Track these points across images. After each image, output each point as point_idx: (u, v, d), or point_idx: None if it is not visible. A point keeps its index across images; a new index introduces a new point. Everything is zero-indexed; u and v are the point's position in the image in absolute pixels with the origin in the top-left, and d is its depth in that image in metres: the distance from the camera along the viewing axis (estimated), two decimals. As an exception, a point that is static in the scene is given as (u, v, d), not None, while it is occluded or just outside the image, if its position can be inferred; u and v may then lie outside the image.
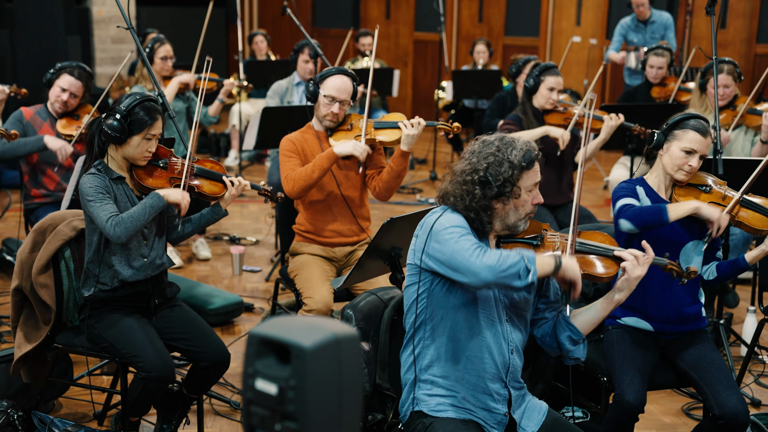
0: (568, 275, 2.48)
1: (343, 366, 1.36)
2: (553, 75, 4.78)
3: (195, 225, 3.43)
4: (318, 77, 3.89)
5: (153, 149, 3.24)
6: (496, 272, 2.39)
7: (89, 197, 3.11)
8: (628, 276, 2.62)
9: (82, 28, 10.48)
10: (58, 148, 4.41)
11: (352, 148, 3.76)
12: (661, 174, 3.28)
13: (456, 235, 2.47)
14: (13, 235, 5.79)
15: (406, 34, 11.50)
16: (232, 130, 8.72)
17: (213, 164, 3.47)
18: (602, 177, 8.54)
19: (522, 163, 2.52)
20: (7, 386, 3.54)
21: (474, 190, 2.52)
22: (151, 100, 3.22)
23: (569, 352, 2.68)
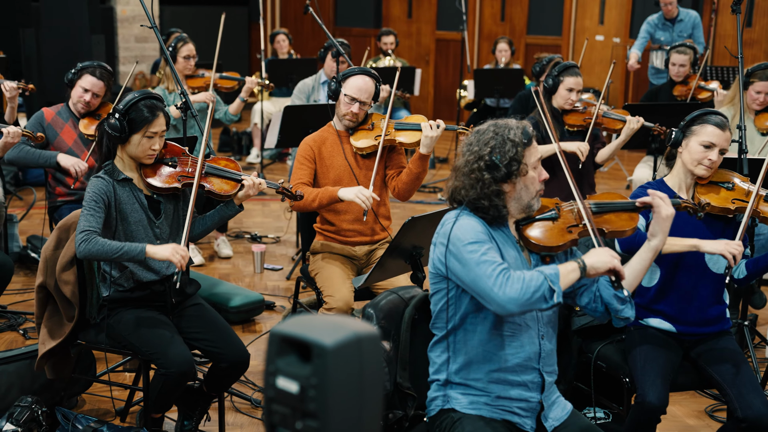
0: (600, 269, 2.47)
1: (364, 365, 1.35)
2: (572, 75, 4.72)
3: (210, 222, 3.42)
4: (340, 76, 3.89)
5: (157, 147, 3.21)
6: (521, 302, 2.38)
7: (84, 202, 3.13)
8: (658, 217, 2.62)
9: (106, 27, 10.56)
10: (70, 165, 4.43)
11: (354, 196, 3.70)
12: (681, 173, 3.26)
13: (477, 254, 2.45)
14: (38, 232, 5.85)
15: (428, 32, 11.48)
16: (253, 128, 8.75)
17: (228, 162, 3.42)
18: (625, 177, 8.49)
19: (523, 140, 2.53)
20: (31, 382, 3.57)
21: (483, 177, 2.51)
22: (152, 98, 3.19)
23: (618, 312, 2.63)
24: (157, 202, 3.29)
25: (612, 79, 9.78)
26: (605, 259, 2.47)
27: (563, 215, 2.69)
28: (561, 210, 2.70)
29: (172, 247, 3.06)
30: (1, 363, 3.53)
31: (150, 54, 11.30)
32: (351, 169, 3.91)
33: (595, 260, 2.47)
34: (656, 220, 2.64)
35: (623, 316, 2.66)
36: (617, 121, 4.81)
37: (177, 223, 3.33)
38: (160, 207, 3.29)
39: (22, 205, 6.89)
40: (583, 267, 2.45)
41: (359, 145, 3.92)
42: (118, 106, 3.15)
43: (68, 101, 4.65)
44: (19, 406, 3.33)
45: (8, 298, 4.91)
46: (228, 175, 3.36)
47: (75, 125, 4.62)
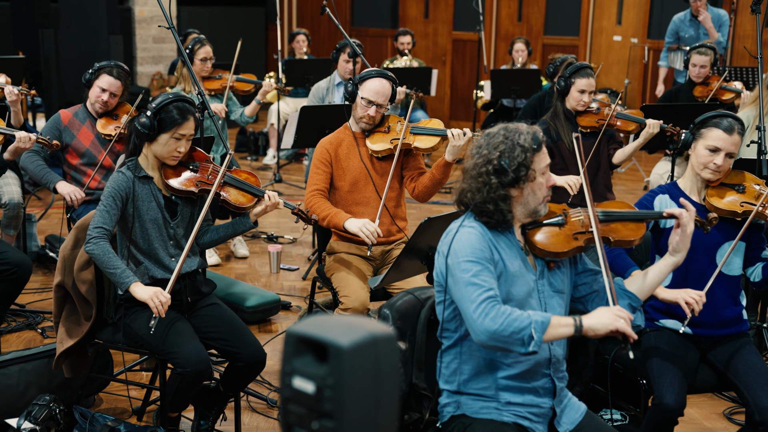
0: (600, 332, 2.40)
1: (380, 365, 1.35)
2: (584, 77, 4.67)
3: (222, 233, 3.43)
4: (357, 78, 3.88)
5: (183, 149, 3.24)
6: (495, 337, 2.36)
7: (102, 198, 3.17)
8: (684, 233, 2.62)
9: (124, 27, 10.62)
10: (66, 194, 4.46)
11: (358, 230, 3.70)
12: (692, 175, 3.25)
13: (468, 273, 2.43)
14: (56, 232, 5.89)
15: (444, 33, 11.47)
16: (270, 128, 8.77)
17: (248, 176, 3.44)
18: (642, 177, 8.44)
19: (533, 146, 2.50)
20: (49, 381, 3.59)
21: (490, 181, 2.50)
22: (185, 101, 3.23)
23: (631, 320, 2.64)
24: (175, 204, 3.31)
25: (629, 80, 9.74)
26: (606, 321, 2.39)
27: (570, 221, 2.67)
28: (568, 216, 2.68)
29: (153, 292, 3.05)
30: (19, 362, 3.56)
31: (167, 54, 11.35)
32: (367, 172, 3.92)
33: (595, 322, 2.40)
34: (682, 235, 2.62)
35: (634, 324, 2.65)
36: (631, 123, 4.77)
37: (192, 227, 3.34)
38: (176, 209, 3.31)
39: (40, 204, 6.94)
40: (578, 327, 2.40)
41: (375, 148, 3.92)
42: (151, 104, 3.20)
43: (86, 102, 4.68)
44: (38, 404, 3.35)
45: (27, 297, 4.94)
46: (246, 188, 3.37)
47: (92, 126, 4.65)
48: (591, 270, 2.71)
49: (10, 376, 3.52)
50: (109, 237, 3.13)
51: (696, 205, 3.23)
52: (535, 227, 2.63)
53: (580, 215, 2.69)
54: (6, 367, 3.52)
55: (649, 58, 9.98)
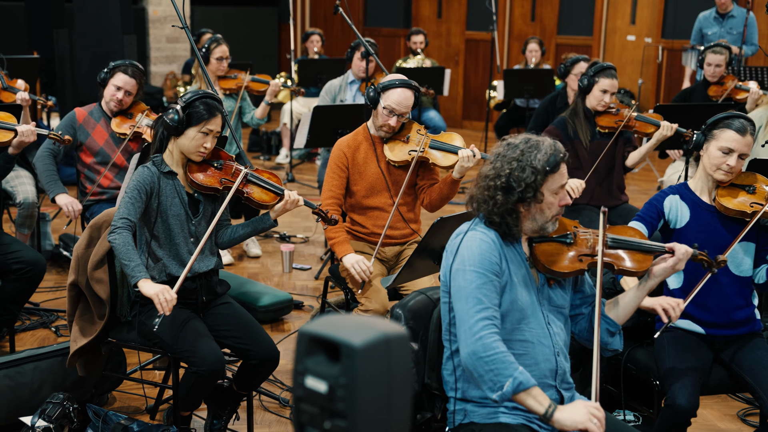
0: (566, 428, 2.37)
1: (392, 365, 1.35)
2: (608, 77, 4.68)
3: (241, 231, 3.44)
4: (380, 86, 3.82)
5: (209, 145, 3.27)
6: (475, 364, 2.37)
7: (127, 190, 3.19)
8: (674, 266, 2.62)
9: (138, 27, 10.66)
10: (63, 205, 4.50)
11: (350, 266, 3.69)
12: (703, 176, 3.24)
13: (473, 285, 2.43)
14: (70, 230, 5.91)
15: (457, 33, 11.46)
16: (283, 128, 8.78)
17: (270, 175, 3.47)
18: (656, 178, 8.41)
19: (546, 168, 2.47)
20: (63, 379, 3.61)
21: (496, 196, 2.49)
22: (213, 98, 3.27)
23: (607, 345, 2.66)
24: (197, 201, 3.33)
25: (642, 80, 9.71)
26: (578, 418, 2.36)
27: (578, 241, 2.65)
28: (577, 236, 2.66)
29: (160, 289, 3.04)
30: (33, 360, 3.58)
31: (181, 54, 11.39)
32: (384, 178, 3.90)
33: (566, 417, 2.37)
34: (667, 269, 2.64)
35: (612, 348, 2.68)
36: (649, 125, 4.74)
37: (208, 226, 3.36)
38: (199, 206, 3.33)
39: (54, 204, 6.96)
40: (548, 415, 2.38)
41: (393, 158, 3.88)
42: (181, 98, 3.24)
43: (101, 101, 4.70)
44: (51, 402, 3.37)
45: (41, 295, 4.97)
46: (269, 187, 3.39)
47: (107, 124, 4.67)
48: (586, 294, 2.71)
49: (24, 374, 3.54)
50: (132, 229, 3.14)
51: (706, 206, 3.22)
52: (542, 241, 2.61)
53: (589, 237, 2.67)
54: (20, 366, 3.54)
55: (663, 58, 9.94)
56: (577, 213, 4.62)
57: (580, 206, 4.65)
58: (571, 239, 2.63)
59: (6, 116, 4.06)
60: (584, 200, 4.64)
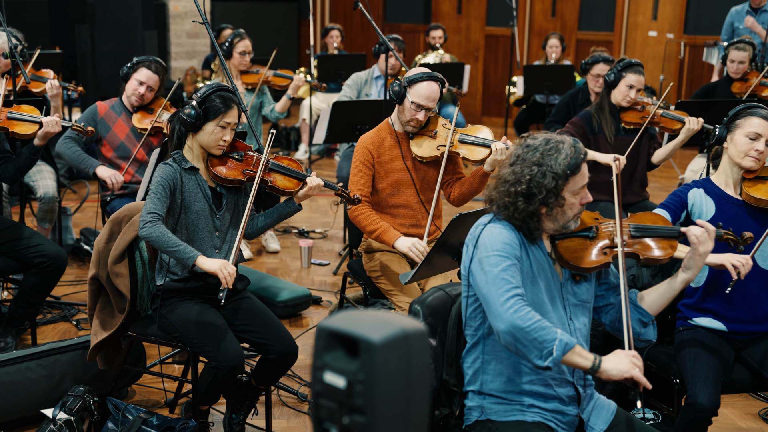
0: (614, 377, 2.37)
1: (411, 360, 1.35)
2: (635, 73, 4.66)
3: (269, 219, 3.45)
4: (406, 80, 3.77)
5: (228, 138, 3.28)
6: (517, 335, 2.33)
7: (152, 186, 3.20)
8: (695, 252, 2.56)
9: (159, 22, 10.70)
10: (107, 177, 4.52)
11: (407, 249, 3.66)
12: (728, 169, 3.22)
13: (498, 267, 2.41)
14: (91, 225, 5.95)
15: (477, 28, 11.42)
16: (302, 123, 8.80)
17: (290, 162, 3.49)
18: (677, 175, 8.35)
19: (567, 171, 2.44)
20: (83, 372, 3.64)
21: (517, 202, 2.46)
22: (228, 90, 3.28)
23: (640, 335, 2.62)
24: (220, 195, 3.34)
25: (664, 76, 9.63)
26: (623, 367, 2.36)
27: (601, 235, 2.63)
28: (599, 229, 2.64)
29: (221, 263, 3.09)
30: (54, 353, 3.61)
31: (201, 50, 11.42)
32: (410, 174, 3.87)
33: (612, 366, 2.37)
34: (693, 254, 2.58)
35: (645, 339, 2.65)
36: (675, 122, 4.71)
37: (237, 216, 3.37)
38: (222, 199, 3.34)
39: (75, 198, 7.02)
40: (596, 367, 2.37)
41: (420, 153, 3.84)
42: (195, 94, 3.24)
43: (122, 95, 4.73)
44: (72, 395, 3.40)
45: (62, 289, 5.01)
46: (291, 173, 3.42)
47: (128, 119, 4.69)
48: (612, 284, 2.69)
49: (45, 366, 3.57)
50: (162, 222, 3.15)
51: (732, 199, 3.20)
52: (564, 237, 2.60)
53: (612, 229, 2.64)
54: (42, 358, 3.57)
55: (685, 54, 9.86)
56: (594, 205, 4.60)
57: (601, 202, 4.63)
58: (593, 233, 2.61)
59: (31, 109, 4.11)
60: (605, 196, 4.62)
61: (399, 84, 3.78)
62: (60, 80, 5.25)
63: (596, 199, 4.50)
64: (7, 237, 4.00)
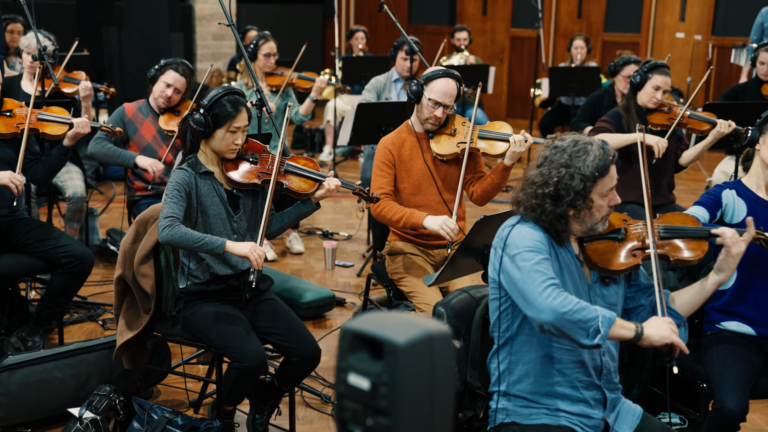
0: (654, 343, 2.37)
1: (435, 363, 1.35)
2: (662, 74, 4.61)
3: (287, 219, 3.45)
4: (423, 78, 3.79)
5: (239, 142, 3.27)
6: (560, 318, 2.31)
7: (167, 191, 3.20)
8: (728, 254, 2.54)
9: (185, 25, 10.78)
10: (148, 165, 4.54)
11: (438, 228, 3.64)
12: (759, 171, 3.18)
13: (530, 262, 2.40)
14: (117, 225, 6.00)
15: (502, 30, 11.39)
16: (326, 125, 8.81)
17: (306, 161, 3.46)
18: (704, 178, 8.27)
19: (595, 174, 2.43)
20: (109, 372, 3.67)
21: (544, 204, 2.45)
22: (235, 93, 3.25)
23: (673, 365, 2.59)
24: (237, 197, 3.34)
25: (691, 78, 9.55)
26: (664, 333, 2.37)
27: (630, 236, 2.61)
28: (628, 231, 2.62)
29: (251, 246, 3.11)
30: (81, 352, 3.64)
31: (227, 52, 11.49)
32: (431, 174, 3.87)
33: (653, 332, 2.37)
34: (725, 256, 2.55)
35: None
36: (703, 123, 4.66)
37: (255, 218, 3.37)
38: (239, 202, 3.34)
39: (102, 199, 7.08)
40: (639, 335, 2.37)
41: (440, 152, 3.84)
42: (203, 101, 3.21)
43: (149, 97, 4.76)
44: (98, 394, 3.42)
45: (88, 289, 5.05)
46: (307, 174, 3.39)
47: (155, 121, 4.73)
48: (642, 285, 2.67)
49: (72, 366, 3.60)
50: (180, 223, 3.14)
51: (764, 202, 3.16)
52: (592, 240, 2.58)
53: (641, 231, 2.62)
54: (68, 358, 3.61)
55: (713, 55, 9.77)
56: (622, 206, 4.57)
57: (627, 204, 4.59)
58: (622, 235, 2.59)
59: (60, 110, 4.18)
60: (632, 198, 4.59)
61: (416, 83, 3.81)
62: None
63: (625, 200, 4.47)
64: (36, 237, 4.04)
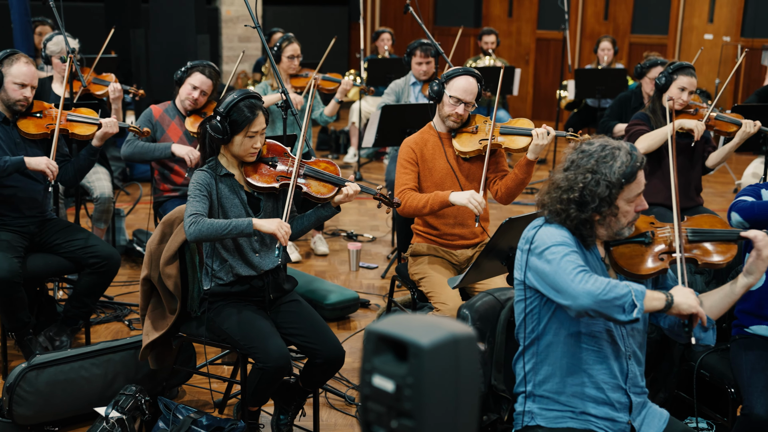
0: (683, 311, 2.37)
1: (460, 365, 1.34)
2: (687, 75, 4.57)
3: (307, 222, 3.45)
4: (444, 77, 3.83)
5: (258, 145, 3.28)
6: (597, 300, 2.30)
7: (189, 192, 3.22)
8: (759, 257, 2.50)
9: (212, 27, 10.84)
10: (184, 154, 4.56)
11: (467, 201, 3.64)
12: None
13: (559, 255, 2.39)
14: (143, 226, 6.04)
15: (528, 32, 11.35)
16: (351, 127, 8.82)
17: (327, 165, 3.45)
18: (733, 180, 8.19)
19: (621, 180, 2.41)
20: (135, 372, 3.69)
21: (569, 209, 2.44)
22: (251, 97, 3.25)
23: (700, 340, 2.57)
24: (257, 200, 3.35)
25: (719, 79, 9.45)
26: (692, 302, 2.37)
27: (657, 240, 2.59)
28: (655, 235, 2.60)
29: (277, 222, 3.13)
30: (107, 352, 3.66)
31: (252, 53, 11.54)
32: (453, 173, 3.87)
33: (683, 300, 2.37)
34: (755, 259, 2.51)
35: (704, 344, 2.60)
36: (730, 125, 4.61)
37: (276, 216, 3.37)
38: (259, 204, 3.35)
39: (128, 200, 7.14)
40: (670, 303, 2.36)
41: (463, 149, 3.85)
42: (219, 108, 3.22)
43: (175, 99, 4.79)
44: (124, 394, 3.45)
45: (115, 289, 5.09)
46: (326, 179, 3.39)
47: (181, 122, 4.76)
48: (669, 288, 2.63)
49: (98, 365, 3.63)
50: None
51: None
52: (618, 244, 2.56)
53: (668, 234, 2.60)
54: (95, 357, 3.63)
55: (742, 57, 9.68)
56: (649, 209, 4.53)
57: (654, 206, 4.55)
58: (649, 239, 2.57)
59: (89, 111, 4.23)
60: (660, 200, 4.55)
61: (437, 82, 3.84)
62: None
63: (652, 202, 4.44)
64: (63, 238, 4.08)
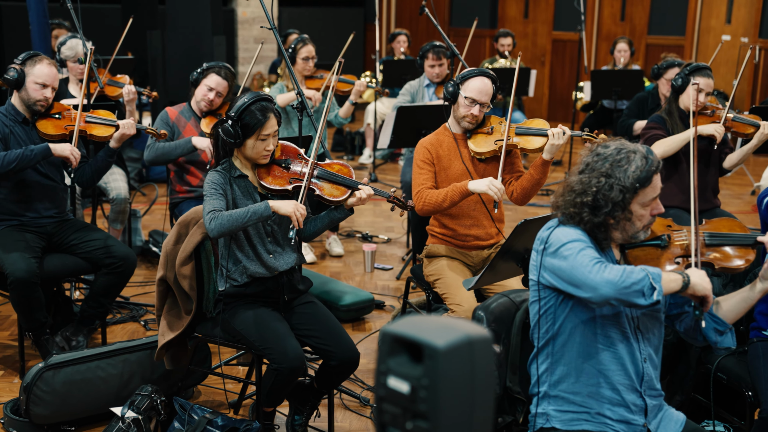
0: (698, 292, 2.37)
1: (475, 367, 1.34)
2: (704, 76, 4.54)
3: (320, 224, 3.46)
4: (459, 78, 3.84)
5: (271, 147, 3.29)
6: (618, 288, 2.30)
7: (205, 191, 3.23)
8: None
9: (227, 28, 10.88)
10: (205, 146, 4.58)
11: (486, 188, 3.63)
12: None
13: (574, 250, 2.39)
14: (159, 227, 6.07)
15: (544, 33, 11.32)
16: (366, 128, 8.83)
17: (341, 167, 3.44)
18: (751, 183, 8.13)
19: (636, 185, 2.40)
20: (151, 372, 3.71)
21: (582, 213, 2.44)
22: (262, 100, 3.26)
23: (717, 344, 2.57)
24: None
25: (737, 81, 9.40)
26: (707, 285, 2.37)
27: (673, 244, 2.57)
28: (672, 238, 2.58)
29: (293, 205, 3.16)
30: (123, 352, 3.68)
31: (268, 55, 11.58)
32: (469, 173, 3.86)
33: (698, 281, 2.37)
34: None
35: (723, 347, 2.59)
36: (748, 126, 4.58)
37: (289, 221, 3.38)
38: (273, 205, 3.36)
39: (144, 200, 7.17)
40: (687, 282, 2.36)
41: (478, 150, 3.85)
42: (230, 111, 3.23)
43: (190, 100, 4.81)
44: (140, 394, 3.46)
45: (131, 290, 5.11)
46: (339, 181, 3.38)
47: (197, 124, 4.77)
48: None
49: (115, 365, 3.65)
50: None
51: None
52: (634, 246, 2.55)
53: (685, 238, 2.58)
54: (111, 357, 3.65)
55: (760, 58, 9.62)
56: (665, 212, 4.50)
57: (671, 209, 4.53)
58: (665, 242, 2.56)
59: (106, 113, 4.26)
60: (676, 203, 4.52)
61: (452, 83, 3.84)
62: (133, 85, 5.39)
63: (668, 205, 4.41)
64: (80, 238, 4.10)
